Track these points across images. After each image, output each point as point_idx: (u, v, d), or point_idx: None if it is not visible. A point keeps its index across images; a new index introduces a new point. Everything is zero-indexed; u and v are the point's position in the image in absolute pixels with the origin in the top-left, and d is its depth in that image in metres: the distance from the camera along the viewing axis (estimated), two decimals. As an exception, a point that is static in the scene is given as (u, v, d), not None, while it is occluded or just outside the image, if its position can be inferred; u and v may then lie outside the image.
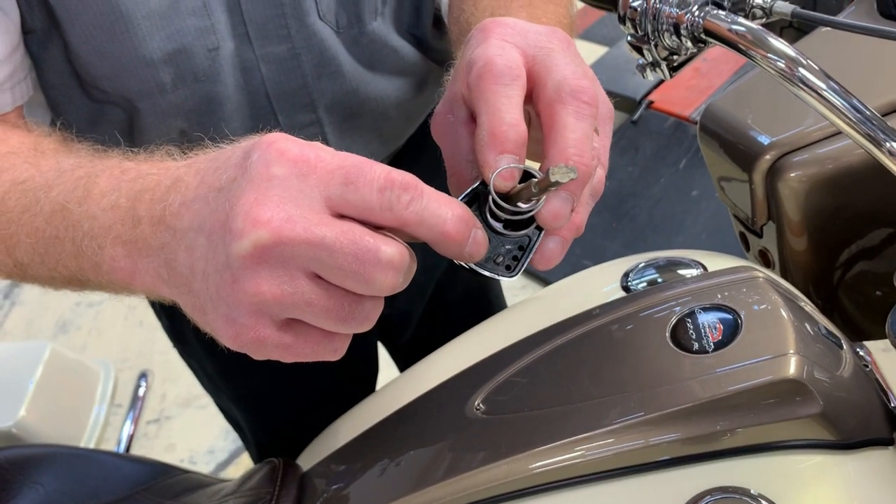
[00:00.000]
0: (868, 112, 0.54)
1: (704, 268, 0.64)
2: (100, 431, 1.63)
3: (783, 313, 0.52)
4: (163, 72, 0.62)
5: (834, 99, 0.54)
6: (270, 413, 1.00)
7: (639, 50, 0.67)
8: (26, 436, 1.44)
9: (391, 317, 1.01)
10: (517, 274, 0.43)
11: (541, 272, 1.96)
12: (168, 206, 0.40)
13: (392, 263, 0.36)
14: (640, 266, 0.66)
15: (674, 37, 0.63)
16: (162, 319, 0.93)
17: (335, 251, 0.36)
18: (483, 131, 0.41)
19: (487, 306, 1.09)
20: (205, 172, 0.40)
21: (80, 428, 1.60)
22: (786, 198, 0.74)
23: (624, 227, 2.08)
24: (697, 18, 0.61)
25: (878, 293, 0.81)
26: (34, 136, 0.56)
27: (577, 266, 0.76)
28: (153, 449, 1.87)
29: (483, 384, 0.60)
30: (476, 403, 0.59)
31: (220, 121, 0.67)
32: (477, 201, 0.42)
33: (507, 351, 0.63)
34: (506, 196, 0.41)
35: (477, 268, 0.42)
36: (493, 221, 0.42)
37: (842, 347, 0.54)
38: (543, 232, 0.42)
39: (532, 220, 0.42)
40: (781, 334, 0.51)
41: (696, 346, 0.52)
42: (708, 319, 0.54)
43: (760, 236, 0.82)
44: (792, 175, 0.73)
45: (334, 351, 0.40)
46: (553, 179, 0.37)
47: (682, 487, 0.50)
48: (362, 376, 1.05)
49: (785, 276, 0.80)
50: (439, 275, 1.00)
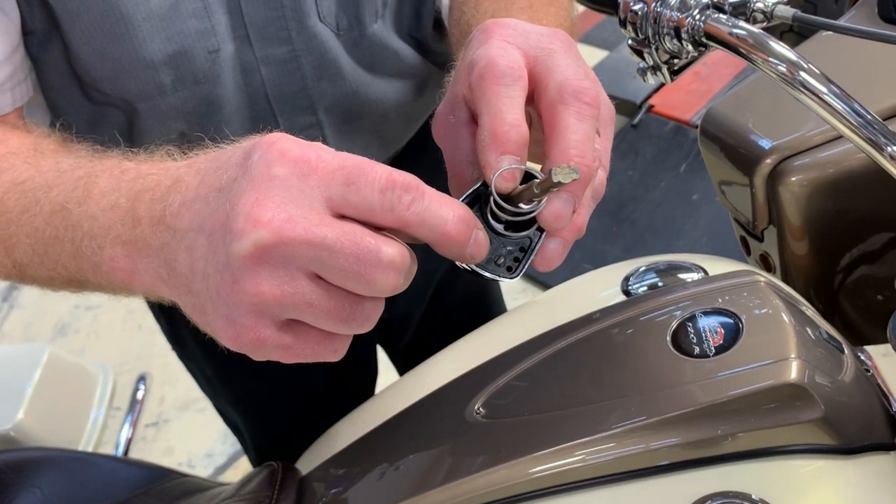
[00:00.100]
0: (869, 116, 0.54)
1: (705, 272, 0.64)
2: (98, 435, 1.62)
3: (784, 317, 0.52)
4: (163, 74, 0.62)
5: (835, 103, 0.54)
6: (269, 416, 0.99)
7: (639, 53, 0.67)
8: (24, 439, 1.44)
9: (391, 320, 1.01)
10: (518, 275, 0.43)
11: (541, 276, 1.97)
12: (168, 207, 0.40)
13: (393, 264, 0.36)
14: (641, 270, 0.66)
15: (675, 40, 0.63)
16: (161, 322, 0.92)
17: (336, 252, 0.35)
18: (484, 132, 0.41)
19: (487, 310, 1.09)
20: (205, 172, 0.39)
21: (79, 431, 1.60)
22: (787, 202, 0.74)
23: (624, 231, 2.08)
24: (698, 22, 0.61)
25: (879, 297, 0.81)
26: (34, 137, 0.56)
27: (577, 270, 0.76)
28: (151, 452, 1.87)
29: (483, 388, 0.60)
30: (476, 407, 0.59)
31: (220, 123, 0.67)
32: (478, 202, 0.42)
33: (508, 354, 0.63)
34: (507, 197, 0.40)
35: (478, 269, 0.41)
36: (494, 223, 0.41)
37: (843, 352, 0.53)
38: (545, 233, 0.42)
39: (533, 222, 0.41)
40: (783, 338, 0.50)
41: (697, 351, 0.52)
42: (709, 323, 0.54)
43: (761, 240, 0.82)
44: (793, 179, 0.73)
45: (335, 351, 0.40)
46: (555, 180, 0.37)
47: (684, 492, 0.49)
48: (362, 380, 1.05)
49: (786, 281, 0.80)
50: (439, 278, 1.00)
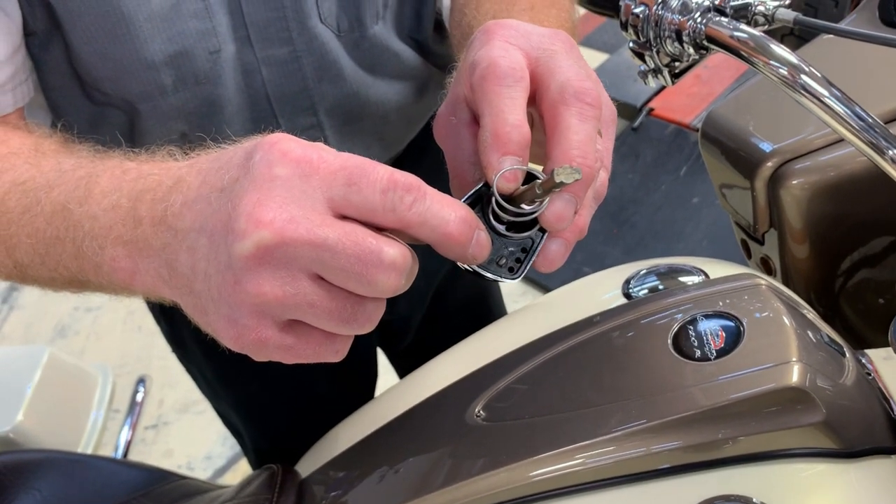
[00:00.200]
0: (870, 119, 0.54)
1: (706, 275, 0.64)
2: (97, 437, 1.62)
3: (785, 321, 0.52)
4: (164, 74, 0.62)
5: (836, 106, 0.54)
6: (269, 419, 0.99)
7: (641, 56, 0.67)
8: (24, 441, 1.43)
9: (391, 322, 1.01)
10: (520, 276, 0.42)
11: (541, 279, 1.97)
12: (170, 207, 0.40)
13: (394, 265, 0.36)
14: (642, 273, 0.66)
15: (676, 43, 0.63)
16: (161, 324, 0.92)
17: (337, 252, 0.35)
18: (486, 132, 0.41)
19: (487, 313, 1.09)
20: (207, 173, 0.39)
21: (78, 433, 1.59)
22: (788, 205, 0.74)
23: (624, 234, 2.08)
24: (699, 25, 0.61)
25: (881, 301, 0.81)
26: (35, 138, 0.56)
27: (578, 273, 0.76)
28: (151, 454, 1.87)
29: (483, 391, 0.60)
30: (476, 410, 0.59)
31: (221, 123, 0.67)
32: (480, 203, 0.42)
33: (508, 357, 0.63)
34: (509, 198, 0.40)
35: (479, 270, 0.41)
36: (496, 223, 0.41)
37: (844, 355, 0.53)
38: (546, 234, 0.42)
39: (535, 222, 0.41)
40: (784, 342, 0.50)
41: (698, 354, 0.52)
42: (710, 327, 0.54)
43: (762, 244, 0.82)
44: (794, 182, 0.73)
45: (336, 352, 0.40)
46: (557, 180, 0.37)
47: (685, 496, 0.49)
48: (362, 382, 1.05)
49: (787, 284, 0.79)
50: (439, 281, 1.00)
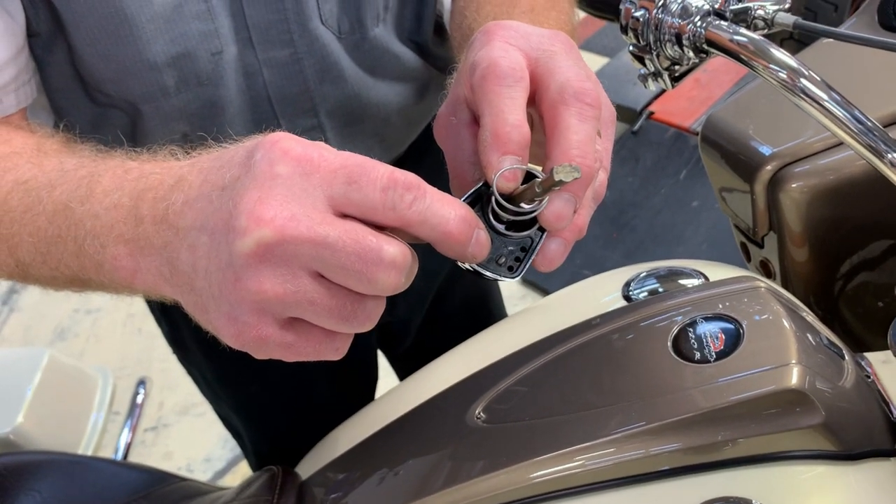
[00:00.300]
0: (870, 123, 0.54)
1: (706, 277, 0.64)
2: (97, 438, 1.62)
3: (785, 323, 0.52)
4: (166, 75, 0.62)
5: (835, 110, 0.55)
6: (270, 421, 0.99)
7: (641, 60, 0.67)
8: (24, 442, 1.43)
9: (391, 324, 1.01)
10: (519, 275, 0.43)
11: (541, 282, 1.97)
12: (171, 205, 0.40)
13: (394, 263, 0.36)
14: (642, 275, 0.66)
15: (676, 47, 0.63)
16: (162, 325, 0.92)
17: (338, 250, 0.36)
18: (486, 132, 0.41)
19: (487, 315, 1.09)
20: (208, 171, 0.40)
21: (78, 435, 1.59)
22: (787, 208, 0.74)
23: (624, 238, 2.08)
24: (699, 29, 0.61)
25: (880, 304, 0.81)
26: (37, 138, 0.56)
27: (577, 275, 0.76)
28: (150, 457, 1.87)
29: (484, 393, 0.60)
30: (477, 412, 0.59)
31: (223, 124, 0.67)
32: (479, 202, 0.42)
33: (508, 360, 0.63)
34: (508, 197, 0.41)
35: (479, 269, 0.42)
36: (496, 222, 0.42)
37: (844, 358, 0.53)
38: (546, 233, 0.43)
39: (534, 222, 0.42)
40: (783, 344, 0.50)
41: (698, 356, 0.52)
42: (709, 329, 0.54)
43: (761, 247, 0.82)
44: (793, 186, 0.73)
45: (336, 350, 0.40)
46: (557, 178, 0.37)
47: (684, 497, 0.49)
48: (362, 384, 1.05)
49: (786, 287, 0.80)
50: (440, 283, 1.00)
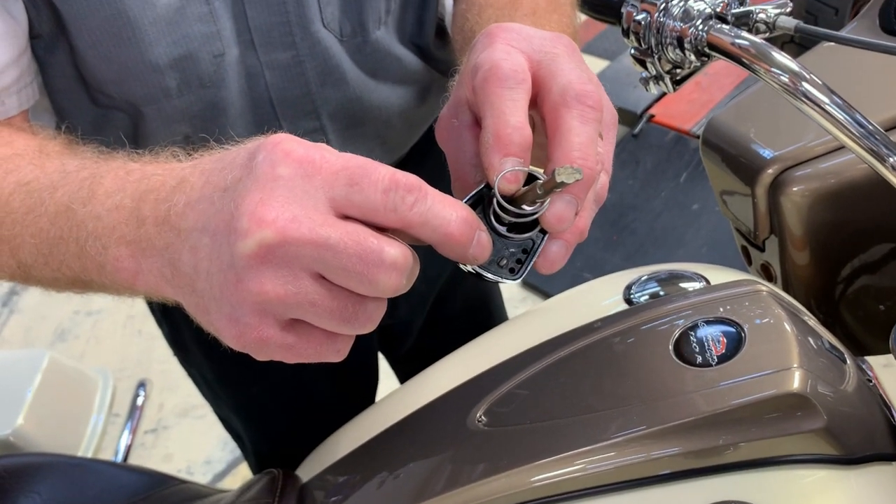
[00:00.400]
0: (871, 127, 0.54)
1: (707, 281, 0.64)
2: (97, 441, 1.62)
3: (787, 327, 0.52)
4: (168, 77, 0.62)
5: (837, 113, 0.55)
6: (270, 423, 0.99)
7: (642, 63, 0.67)
8: (24, 444, 1.43)
9: (392, 327, 1.01)
10: (521, 277, 0.43)
11: (542, 285, 1.97)
12: (173, 207, 0.40)
13: (396, 265, 0.36)
14: (643, 279, 0.66)
15: (677, 50, 0.63)
16: (163, 327, 0.92)
17: (339, 252, 0.36)
18: (488, 134, 0.41)
19: (488, 318, 1.09)
20: (210, 173, 0.40)
21: (78, 437, 1.59)
22: (788, 212, 0.74)
23: (625, 241, 2.08)
24: (701, 32, 0.62)
25: (881, 308, 0.81)
26: (39, 139, 0.57)
27: (577, 278, 0.76)
28: (150, 459, 1.86)
29: (485, 396, 0.60)
30: (478, 415, 0.59)
31: (225, 126, 0.67)
32: (481, 204, 0.42)
33: (509, 363, 0.63)
34: (510, 199, 0.41)
35: (480, 270, 0.42)
36: (497, 224, 0.42)
37: (845, 362, 0.53)
38: (547, 235, 0.43)
39: (536, 224, 0.42)
40: (785, 348, 0.50)
41: (700, 360, 0.52)
42: (711, 333, 0.54)
43: (762, 250, 0.82)
44: (794, 189, 0.73)
45: (337, 352, 0.40)
46: (558, 180, 0.37)
47: (685, 502, 0.49)
48: (362, 387, 1.05)
49: (787, 291, 0.80)
50: (440, 285, 1.00)
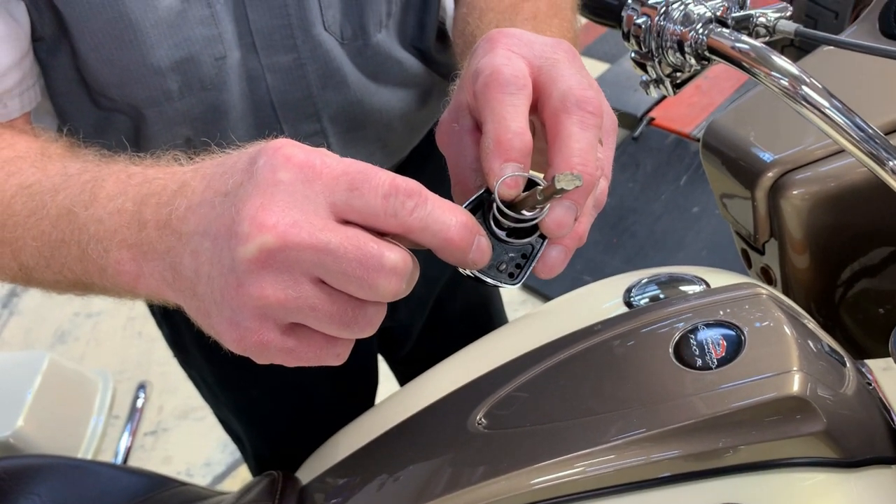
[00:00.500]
0: (871, 130, 0.54)
1: (707, 284, 0.64)
2: (97, 442, 1.62)
3: (786, 330, 0.52)
4: (170, 80, 0.62)
5: (837, 117, 0.55)
6: (270, 425, 0.99)
7: (642, 66, 0.67)
8: (24, 446, 1.43)
9: (392, 329, 1.01)
10: (520, 282, 0.43)
11: (542, 288, 1.96)
12: (174, 210, 0.40)
13: (395, 269, 0.37)
14: (643, 282, 0.66)
15: (678, 54, 0.64)
16: (163, 329, 0.92)
17: (339, 256, 0.36)
18: (488, 139, 0.41)
19: (488, 321, 1.09)
20: (211, 177, 0.40)
21: (78, 439, 1.59)
22: (788, 215, 0.74)
23: (624, 243, 2.08)
24: (701, 36, 0.62)
25: (881, 311, 0.81)
26: (41, 142, 0.57)
27: (577, 281, 0.76)
28: (150, 461, 1.86)
29: (485, 398, 0.60)
30: (478, 418, 0.59)
31: (226, 129, 0.67)
32: (481, 209, 0.42)
33: (510, 365, 0.63)
34: (510, 204, 0.41)
35: (480, 275, 0.42)
36: (497, 229, 0.42)
37: (845, 365, 0.53)
38: (547, 240, 0.43)
39: (535, 229, 0.42)
40: (785, 351, 0.50)
41: (699, 363, 0.52)
42: (711, 336, 0.54)
43: (762, 253, 0.82)
44: (794, 193, 0.73)
45: (337, 356, 0.40)
46: (558, 186, 0.37)
47: (685, 504, 0.49)
48: (362, 389, 1.05)
49: (787, 294, 0.80)
50: (440, 288, 1.00)
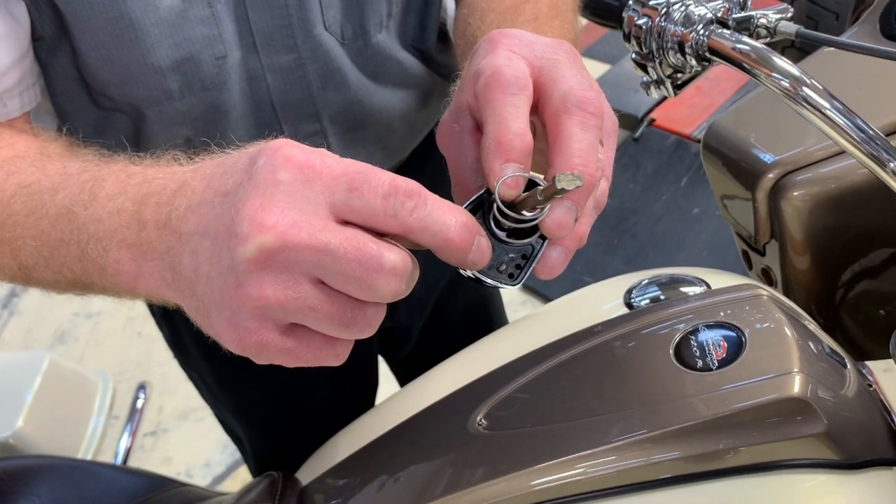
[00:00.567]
0: (872, 132, 0.54)
1: (708, 285, 0.64)
2: (97, 443, 1.62)
3: (787, 331, 0.52)
4: (170, 79, 0.62)
5: (838, 118, 0.55)
6: (270, 426, 0.99)
7: (643, 67, 0.67)
8: (24, 447, 1.43)
9: (392, 330, 1.01)
10: (520, 283, 0.43)
11: (542, 289, 1.96)
12: (174, 210, 0.40)
13: (395, 270, 0.37)
14: (643, 283, 0.66)
15: (678, 55, 0.64)
16: (163, 329, 0.92)
17: (339, 257, 0.36)
18: (489, 140, 0.41)
19: (488, 322, 1.09)
20: (211, 177, 0.40)
21: (78, 439, 1.59)
22: (789, 216, 0.74)
23: (625, 244, 2.08)
24: (702, 37, 0.62)
25: (881, 312, 0.81)
26: (40, 141, 0.57)
27: (578, 282, 0.76)
28: (150, 461, 1.86)
29: (485, 399, 0.60)
30: (478, 419, 0.59)
31: (226, 129, 0.67)
32: (481, 209, 0.42)
33: (510, 366, 0.63)
34: (510, 204, 0.41)
35: (480, 275, 0.42)
36: (497, 230, 0.42)
37: (846, 366, 0.53)
38: (547, 241, 0.43)
39: (535, 229, 0.42)
40: (785, 352, 0.50)
41: (700, 364, 0.52)
42: (712, 337, 0.54)
43: (763, 254, 0.82)
44: (795, 194, 0.73)
45: (336, 356, 0.40)
46: (559, 187, 0.37)
47: (685, 505, 0.49)
48: (362, 390, 1.04)
49: (787, 295, 0.80)
50: (440, 289, 1.00)
